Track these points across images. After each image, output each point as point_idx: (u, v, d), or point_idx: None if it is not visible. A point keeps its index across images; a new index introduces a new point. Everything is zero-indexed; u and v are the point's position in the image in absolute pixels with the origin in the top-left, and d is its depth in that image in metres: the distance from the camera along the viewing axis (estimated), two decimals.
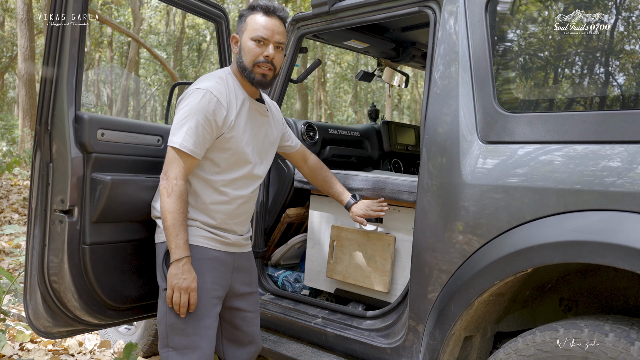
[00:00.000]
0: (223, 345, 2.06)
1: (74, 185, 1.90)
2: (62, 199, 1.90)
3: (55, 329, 2.02)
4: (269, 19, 1.87)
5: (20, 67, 11.73)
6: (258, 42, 1.86)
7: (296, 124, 2.77)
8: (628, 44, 1.60)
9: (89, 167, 1.93)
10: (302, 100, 17.56)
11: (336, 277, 2.34)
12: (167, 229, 1.77)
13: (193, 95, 1.82)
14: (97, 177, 1.93)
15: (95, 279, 1.98)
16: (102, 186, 1.93)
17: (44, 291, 1.95)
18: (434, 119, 1.82)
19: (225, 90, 1.86)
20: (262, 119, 2.00)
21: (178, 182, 1.78)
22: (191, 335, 1.83)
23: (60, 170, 1.91)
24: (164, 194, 1.78)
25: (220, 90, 1.84)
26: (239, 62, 1.90)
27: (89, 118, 1.92)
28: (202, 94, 1.80)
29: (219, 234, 1.90)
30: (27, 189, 7.92)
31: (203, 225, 1.88)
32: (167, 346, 1.86)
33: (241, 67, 1.90)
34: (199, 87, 1.83)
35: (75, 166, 1.89)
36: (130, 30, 16.96)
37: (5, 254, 4.88)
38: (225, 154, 1.87)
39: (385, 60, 3.36)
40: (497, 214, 1.60)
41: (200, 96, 1.80)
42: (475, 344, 1.79)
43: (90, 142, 1.92)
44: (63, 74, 1.89)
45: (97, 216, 1.95)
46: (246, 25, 1.89)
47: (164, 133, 2.14)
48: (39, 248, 1.94)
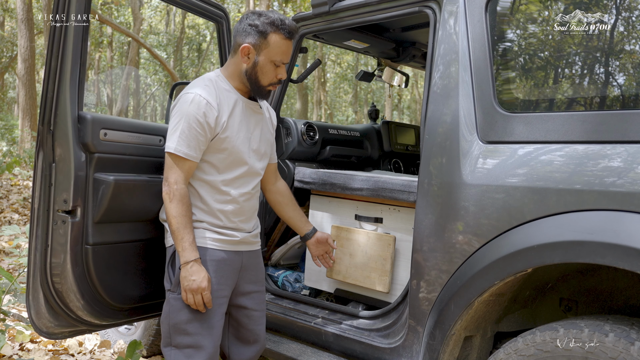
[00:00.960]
0: (228, 341, 2.08)
1: (76, 186, 1.89)
2: (64, 199, 1.90)
3: (58, 330, 2.02)
4: (290, 42, 1.89)
5: (20, 67, 11.74)
6: (276, 66, 1.89)
7: (296, 124, 2.77)
8: (628, 44, 1.60)
9: (91, 167, 1.93)
10: (302, 100, 17.56)
11: (336, 277, 2.34)
12: (173, 233, 1.81)
13: (183, 99, 1.85)
14: (99, 177, 1.93)
15: (98, 279, 1.98)
16: (104, 186, 1.93)
17: (47, 292, 1.95)
18: (434, 119, 1.82)
19: (215, 91, 1.88)
20: (256, 117, 2.01)
21: (178, 187, 1.81)
22: (194, 334, 1.86)
23: (63, 170, 1.90)
24: (167, 199, 1.82)
25: (210, 92, 1.86)
26: (249, 75, 1.90)
27: (91, 118, 1.92)
28: (192, 97, 1.83)
29: (226, 233, 1.93)
30: (28, 189, 7.92)
31: (210, 226, 1.91)
32: (170, 345, 1.89)
33: (251, 81, 1.91)
34: (188, 91, 1.86)
35: (78, 166, 1.89)
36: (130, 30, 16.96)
37: (5, 254, 4.88)
38: (222, 155, 1.89)
39: (385, 60, 3.36)
40: (497, 214, 1.60)
41: (190, 100, 1.83)
42: (475, 344, 1.79)
43: (93, 142, 1.92)
44: (66, 73, 1.89)
45: (99, 216, 1.95)
46: (268, 44, 1.86)
47: (166, 133, 2.14)
48: (42, 248, 1.93)
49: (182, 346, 1.86)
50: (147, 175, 2.06)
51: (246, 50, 1.87)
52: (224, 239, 1.92)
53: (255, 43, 1.86)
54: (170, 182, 1.82)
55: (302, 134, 2.76)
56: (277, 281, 2.63)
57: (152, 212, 2.07)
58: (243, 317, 2.05)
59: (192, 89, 1.87)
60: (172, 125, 1.85)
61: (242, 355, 2.07)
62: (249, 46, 1.86)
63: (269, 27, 1.84)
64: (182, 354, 1.86)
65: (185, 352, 1.86)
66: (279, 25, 1.85)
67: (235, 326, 2.06)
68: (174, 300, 1.86)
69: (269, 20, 1.85)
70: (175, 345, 1.87)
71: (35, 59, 13.64)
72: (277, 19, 1.85)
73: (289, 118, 2.77)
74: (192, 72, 23.72)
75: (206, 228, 1.90)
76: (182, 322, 1.85)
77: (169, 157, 1.84)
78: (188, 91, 1.86)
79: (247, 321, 2.05)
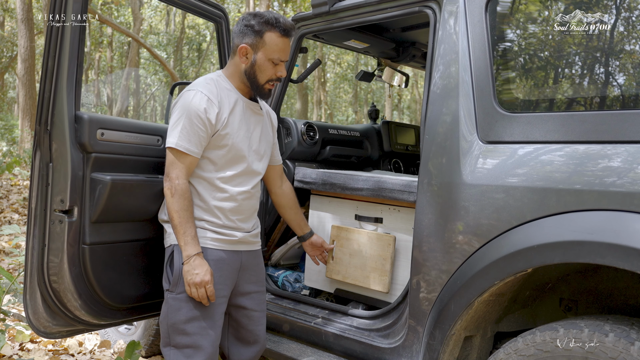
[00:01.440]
0: (228, 341, 2.09)
1: (73, 185, 1.90)
2: (61, 199, 1.90)
3: (55, 329, 2.02)
4: (286, 40, 1.91)
5: (20, 67, 11.73)
6: (274, 64, 1.92)
7: (296, 124, 2.77)
8: (628, 44, 1.60)
9: (88, 167, 1.93)
10: (302, 100, 17.56)
11: (336, 277, 2.34)
12: (175, 227, 1.83)
13: (184, 96, 1.88)
14: (96, 177, 1.94)
15: (95, 279, 1.98)
16: (101, 186, 1.93)
17: (44, 291, 1.95)
18: (434, 119, 1.82)
19: (216, 89, 1.91)
20: (256, 117, 2.03)
21: (180, 182, 1.83)
22: (192, 334, 1.86)
23: (60, 170, 1.91)
24: (168, 194, 1.83)
25: (211, 89, 1.89)
26: (248, 74, 1.94)
27: (88, 118, 1.92)
28: (193, 94, 1.86)
29: (225, 232, 1.93)
30: (27, 189, 7.92)
31: (209, 225, 1.92)
32: (169, 345, 1.89)
33: (251, 80, 1.95)
34: (190, 89, 1.89)
35: (75, 166, 1.90)
36: (130, 30, 16.96)
37: (5, 254, 4.89)
38: (221, 151, 1.91)
39: (385, 60, 3.36)
40: (497, 214, 1.60)
41: (192, 96, 1.85)
42: (475, 344, 1.79)
43: (90, 142, 1.92)
44: (63, 73, 1.89)
45: (96, 216, 1.95)
46: (264, 43, 1.90)
47: (164, 133, 2.14)
48: (39, 248, 1.93)
49: (182, 346, 1.87)
50: (144, 175, 2.06)
51: (244, 51, 1.91)
52: (223, 238, 1.93)
53: (252, 43, 1.90)
54: (171, 178, 1.83)
55: (302, 134, 2.76)
56: (277, 281, 2.63)
57: (149, 212, 2.07)
58: (243, 318, 2.05)
59: (193, 87, 1.89)
60: (173, 121, 1.86)
61: (241, 356, 2.07)
62: (246, 46, 1.90)
63: (264, 26, 1.89)
64: (181, 354, 1.87)
65: (185, 352, 1.87)
66: (274, 24, 1.88)
67: (234, 326, 2.06)
68: (172, 300, 1.87)
69: (264, 19, 1.89)
70: (175, 345, 1.88)
71: (35, 59, 13.63)
72: (272, 17, 1.89)
73: (289, 118, 2.77)
74: (192, 72, 23.72)
75: (205, 227, 1.91)
76: (181, 322, 1.85)
77: (170, 152, 1.85)
78: (189, 89, 1.89)
79: (246, 321, 2.05)
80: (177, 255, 1.88)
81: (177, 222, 1.82)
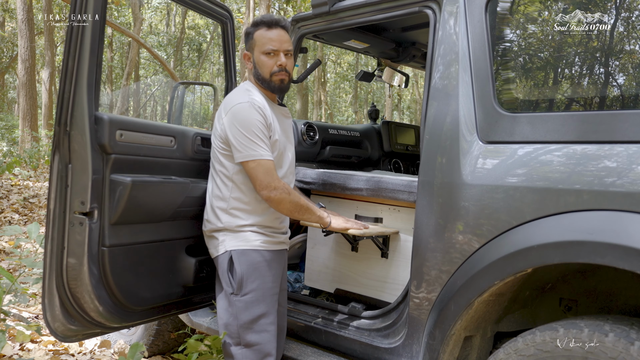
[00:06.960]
0: None
1: (93, 187, 1.87)
2: (82, 200, 1.87)
3: (72, 332, 1.98)
4: (274, 31, 2.01)
5: (20, 67, 11.74)
6: (269, 55, 2.01)
7: (296, 124, 2.77)
8: (628, 44, 1.60)
9: (107, 168, 1.91)
10: (302, 100, 17.56)
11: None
12: (308, 210, 2.01)
13: (240, 111, 1.94)
14: (116, 179, 1.92)
15: (114, 281, 1.96)
16: (122, 187, 1.91)
17: (62, 294, 1.91)
18: (434, 119, 1.82)
19: (259, 99, 2.00)
20: (287, 121, 2.16)
21: (282, 182, 1.95)
22: (260, 332, 1.98)
23: (79, 171, 1.87)
24: (284, 196, 1.93)
25: (256, 99, 1.98)
26: (256, 76, 2.04)
27: (108, 119, 1.90)
28: (247, 106, 1.94)
29: (270, 234, 2.03)
30: (28, 189, 7.92)
31: (257, 228, 2.01)
32: (239, 344, 1.99)
33: (260, 79, 2.04)
34: (240, 101, 1.96)
35: (95, 167, 1.87)
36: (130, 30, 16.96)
37: (5, 254, 4.89)
38: (272, 154, 2.01)
39: (385, 60, 3.36)
40: (497, 214, 1.61)
41: (247, 109, 1.93)
42: (475, 344, 1.79)
43: (110, 143, 1.90)
44: (82, 74, 1.85)
45: (116, 218, 1.93)
46: (255, 42, 2.03)
47: (177, 134, 2.14)
48: (58, 251, 1.89)
49: (252, 344, 1.97)
50: (160, 176, 2.05)
51: (246, 57, 2.06)
52: (271, 240, 2.03)
53: (248, 47, 2.06)
54: (275, 185, 1.92)
55: (302, 134, 2.77)
56: None
57: (167, 212, 2.07)
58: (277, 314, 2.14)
59: (239, 98, 1.96)
60: (243, 135, 1.92)
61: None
62: (246, 52, 2.08)
63: (252, 28, 2.06)
64: (252, 352, 1.97)
65: (254, 349, 1.97)
66: (259, 22, 2.04)
67: None
68: (239, 302, 1.97)
69: (252, 23, 2.07)
70: (246, 344, 1.98)
71: (36, 60, 13.64)
72: (258, 18, 2.04)
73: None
74: (192, 72, 23.72)
75: (254, 231, 2.00)
76: (250, 321, 1.97)
77: (257, 165, 1.92)
78: (239, 101, 1.96)
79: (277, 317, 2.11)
80: (236, 260, 1.96)
81: (307, 206, 1.99)
